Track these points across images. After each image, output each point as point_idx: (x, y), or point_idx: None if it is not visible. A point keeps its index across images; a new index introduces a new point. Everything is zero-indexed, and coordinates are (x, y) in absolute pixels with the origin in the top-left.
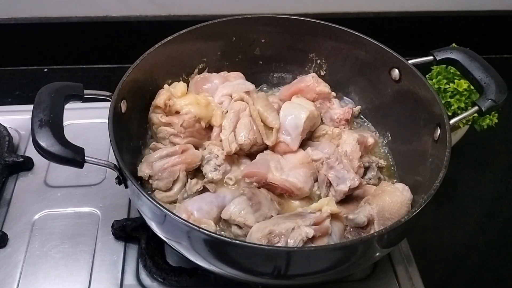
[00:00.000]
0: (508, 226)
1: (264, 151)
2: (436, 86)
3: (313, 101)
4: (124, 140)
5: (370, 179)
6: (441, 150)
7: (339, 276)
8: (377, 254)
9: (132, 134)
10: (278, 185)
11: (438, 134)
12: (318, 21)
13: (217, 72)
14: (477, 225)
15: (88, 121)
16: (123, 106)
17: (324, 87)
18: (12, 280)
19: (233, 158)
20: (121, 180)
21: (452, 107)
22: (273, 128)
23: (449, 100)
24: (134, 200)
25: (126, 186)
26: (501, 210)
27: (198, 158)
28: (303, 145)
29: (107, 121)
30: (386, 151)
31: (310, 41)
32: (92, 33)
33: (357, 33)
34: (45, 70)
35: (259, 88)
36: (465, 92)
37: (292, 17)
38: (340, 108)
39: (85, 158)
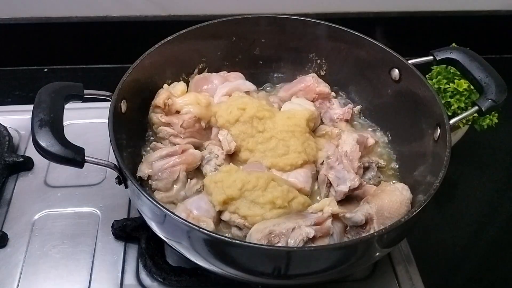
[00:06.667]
0: (508, 226)
1: None
2: (436, 86)
3: (313, 101)
4: (124, 140)
5: (370, 179)
6: (441, 150)
7: (339, 276)
8: (377, 254)
9: (132, 134)
10: None
11: (438, 134)
12: (318, 21)
13: (217, 72)
14: (477, 225)
15: (88, 121)
16: (123, 106)
17: (324, 87)
18: (12, 280)
19: (233, 158)
20: (121, 180)
21: (452, 107)
22: None
23: (449, 100)
24: (134, 200)
25: (126, 186)
26: (501, 210)
27: (198, 158)
28: None
29: (107, 121)
30: (386, 151)
31: (310, 41)
32: (92, 33)
33: (357, 33)
34: (45, 70)
35: (259, 88)
36: (465, 92)
37: (292, 17)
38: (340, 108)
39: (85, 158)
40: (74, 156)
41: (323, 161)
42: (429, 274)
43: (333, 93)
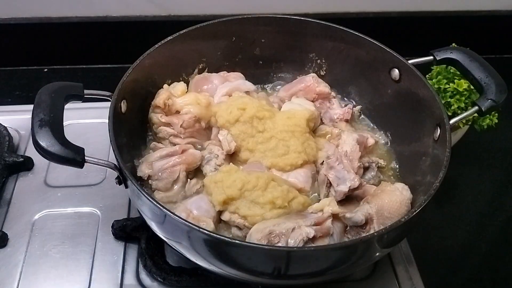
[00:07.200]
0: (508, 226)
1: None
2: (436, 86)
3: (313, 101)
4: (124, 140)
5: (370, 179)
6: (441, 150)
7: (339, 276)
8: (377, 254)
9: (132, 134)
10: None
11: (438, 134)
12: (318, 21)
13: (217, 72)
14: (477, 225)
15: (88, 121)
16: (123, 106)
17: (324, 87)
18: (12, 280)
19: (233, 158)
20: (121, 180)
21: (452, 107)
22: None
23: (449, 100)
24: (134, 200)
25: (126, 186)
26: (501, 210)
27: (198, 158)
28: None
29: (107, 121)
30: (386, 151)
31: (310, 41)
32: (92, 33)
33: (357, 33)
34: (45, 70)
35: (259, 88)
36: (465, 92)
37: (292, 17)
38: (340, 108)
39: (85, 158)
40: (74, 156)
41: (323, 161)
42: (429, 274)
43: (333, 93)
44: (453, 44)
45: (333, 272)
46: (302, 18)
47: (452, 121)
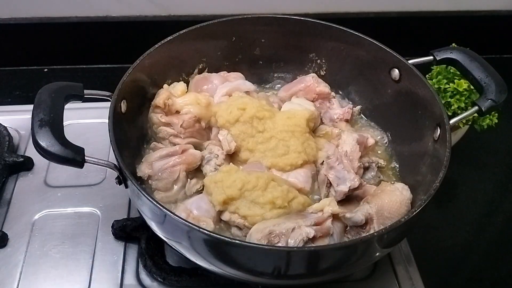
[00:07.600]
0: (508, 226)
1: None
2: (436, 86)
3: (313, 101)
4: (124, 140)
5: (370, 179)
6: (441, 150)
7: (339, 276)
8: (377, 254)
9: (132, 134)
10: None
11: (438, 134)
12: (318, 21)
13: (217, 72)
14: (477, 225)
15: (88, 121)
16: (123, 106)
17: (324, 87)
18: (12, 280)
19: (233, 158)
20: (121, 180)
21: (452, 107)
22: None
23: (449, 100)
24: (134, 200)
25: (126, 186)
26: (501, 210)
27: (198, 158)
28: None
29: (107, 121)
30: (386, 151)
31: (310, 41)
32: (92, 33)
33: (357, 33)
34: (45, 70)
35: (259, 88)
36: (465, 92)
37: (292, 17)
38: (340, 108)
39: (85, 158)
40: (74, 156)
41: (323, 161)
42: (429, 274)
43: (333, 93)
44: (453, 44)
45: (333, 272)
46: (302, 18)
47: (452, 121)
